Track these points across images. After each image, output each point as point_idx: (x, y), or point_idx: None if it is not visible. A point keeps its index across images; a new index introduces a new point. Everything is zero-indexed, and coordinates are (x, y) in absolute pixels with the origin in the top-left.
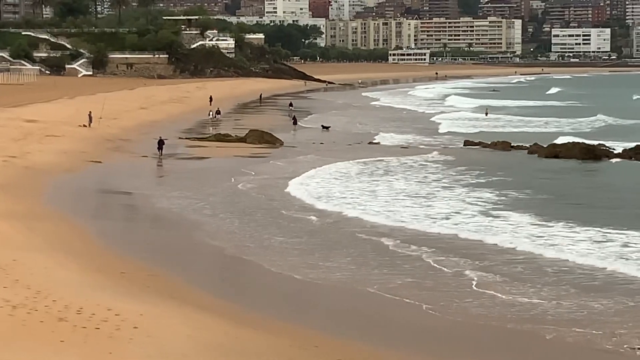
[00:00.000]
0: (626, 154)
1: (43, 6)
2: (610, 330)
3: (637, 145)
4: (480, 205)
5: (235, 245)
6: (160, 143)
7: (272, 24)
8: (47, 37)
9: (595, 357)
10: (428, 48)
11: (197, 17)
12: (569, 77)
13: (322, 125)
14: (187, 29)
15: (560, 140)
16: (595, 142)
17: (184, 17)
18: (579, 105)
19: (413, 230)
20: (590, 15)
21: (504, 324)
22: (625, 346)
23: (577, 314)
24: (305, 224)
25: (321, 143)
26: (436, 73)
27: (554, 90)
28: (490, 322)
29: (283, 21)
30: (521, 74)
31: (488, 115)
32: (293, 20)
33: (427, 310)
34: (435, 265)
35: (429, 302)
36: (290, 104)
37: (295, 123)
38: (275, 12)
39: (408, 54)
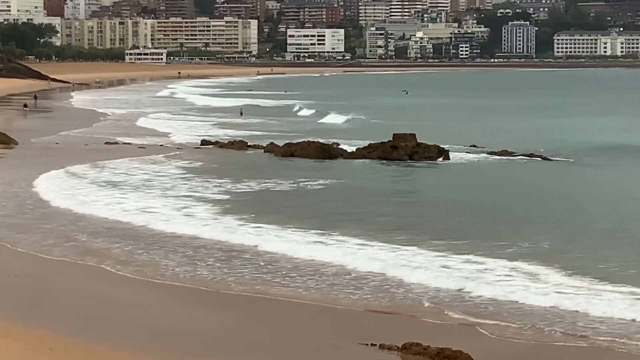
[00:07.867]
0: (359, 153)
1: None
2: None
3: (370, 144)
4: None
5: None
6: None
7: (5, 22)
8: None
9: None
10: (165, 48)
11: None
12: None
13: None
14: None
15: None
16: (331, 141)
17: None
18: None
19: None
20: (324, 16)
21: (242, 320)
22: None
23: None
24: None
25: (56, 143)
26: (179, 72)
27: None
28: (225, 319)
29: (17, 19)
30: (261, 74)
31: (243, 115)
32: (27, 19)
33: (165, 311)
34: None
35: (165, 303)
36: (25, 105)
37: None
38: (9, 10)
39: (145, 54)
